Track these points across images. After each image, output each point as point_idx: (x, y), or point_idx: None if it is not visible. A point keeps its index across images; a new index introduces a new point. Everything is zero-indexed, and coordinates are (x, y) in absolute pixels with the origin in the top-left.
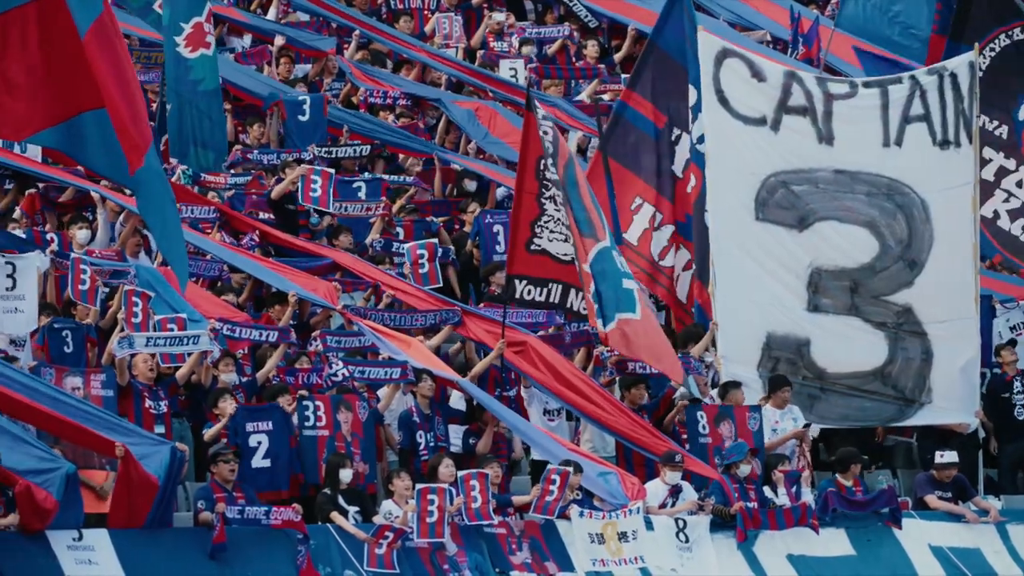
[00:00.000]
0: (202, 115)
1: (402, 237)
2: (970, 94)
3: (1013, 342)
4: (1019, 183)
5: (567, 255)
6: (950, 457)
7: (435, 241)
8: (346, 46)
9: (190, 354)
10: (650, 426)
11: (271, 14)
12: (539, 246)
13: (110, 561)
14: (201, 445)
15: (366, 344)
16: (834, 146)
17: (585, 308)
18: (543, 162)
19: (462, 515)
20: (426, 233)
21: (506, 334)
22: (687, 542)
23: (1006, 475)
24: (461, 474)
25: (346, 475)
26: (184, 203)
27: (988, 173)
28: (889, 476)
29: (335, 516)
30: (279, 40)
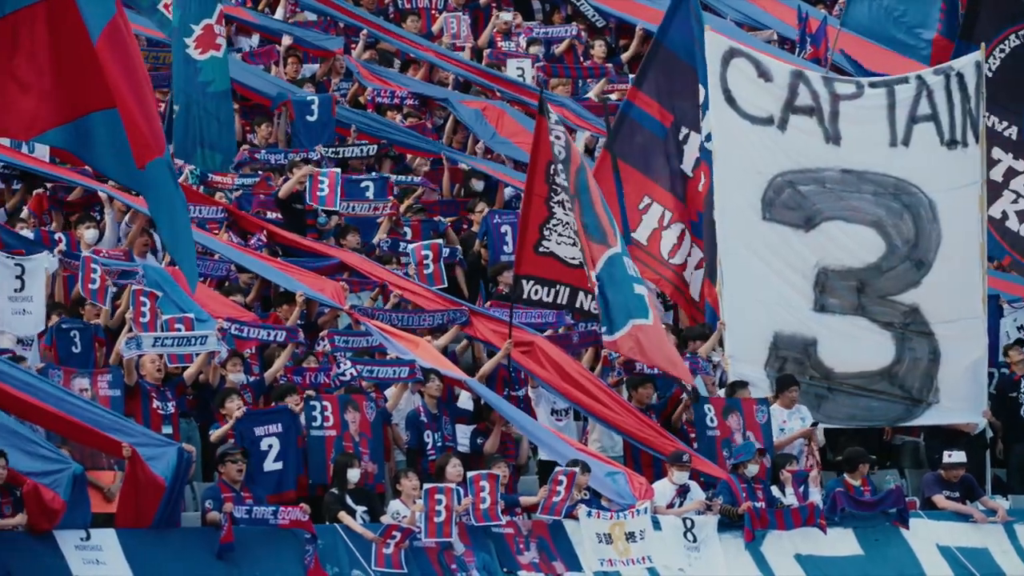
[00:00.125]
0: (210, 117)
1: (410, 237)
2: (977, 94)
3: (1021, 342)
4: None
5: (575, 259)
6: (958, 457)
7: (440, 242)
8: (353, 46)
9: (198, 354)
10: (658, 426)
11: (279, 14)
12: (547, 248)
13: (118, 561)
14: (208, 445)
15: (374, 344)
16: (841, 146)
17: (596, 308)
18: (553, 167)
19: (470, 515)
20: (434, 233)
21: (513, 334)
22: (695, 542)
23: (1014, 475)
24: (471, 475)
25: (354, 475)
26: (192, 203)
27: (997, 174)
28: (897, 476)
29: (343, 516)
30: (286, 40)
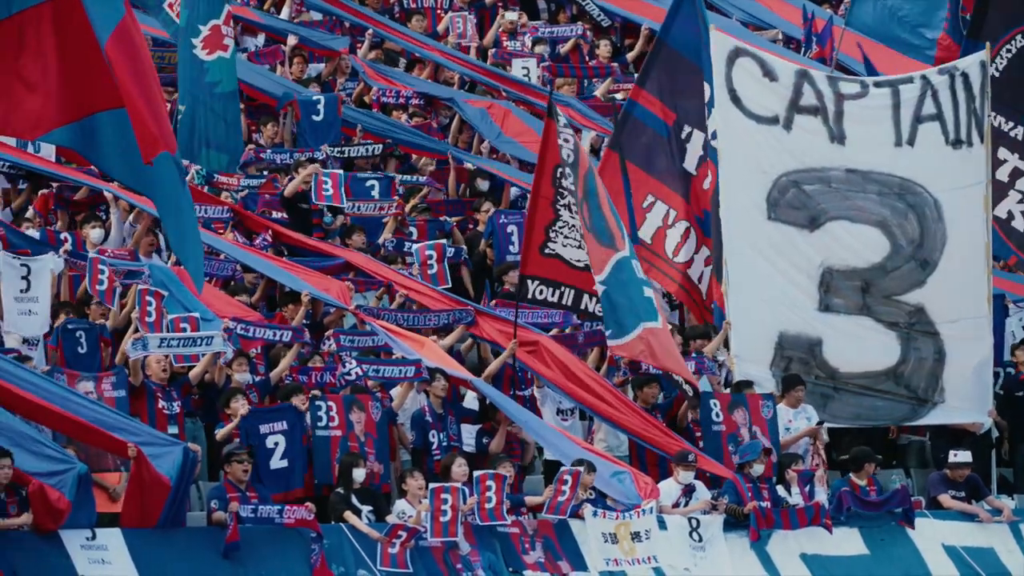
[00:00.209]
0: (217, 118)
1: (415, 237)
2: (982, 93)
3: None
4: None
5: (580, 261)
6: (964, 456)
7: (443, 242)
8: (359, 45)
9: (204, 354)
10: (663, 425)
11: (284, 13)
12: (553, 250)
13: (123, 560)
14: (214, 445)
15: (379, 344)
16: (846, 146)
17: (600, 311)
18: (560, 170)
19: (475, 515)
20: (439, 233)
21: (519, 334)
22: (700, 541)
23: (1020, 474)
24: (477, 474)
25: (359, 474)
26: (197, 203)
27: (1003, 174)
28: (902, 475)
29: (348, 515)
30: (292, 39)
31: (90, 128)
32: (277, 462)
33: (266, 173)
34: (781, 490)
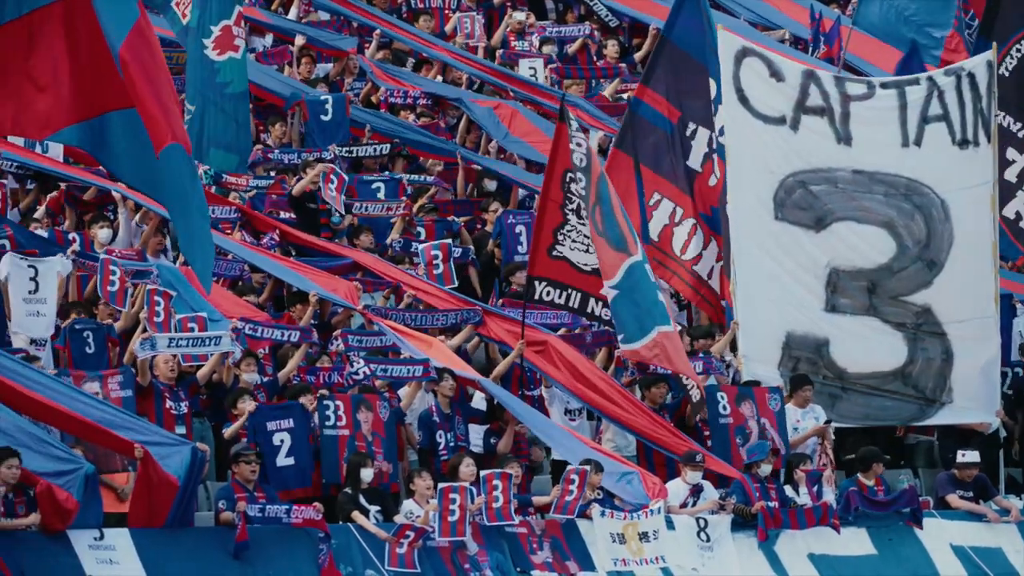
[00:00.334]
0: (228, 118)
1: (423, 237)
2: (988, 93)
3: None
4: None
5: (587, 265)
6: (972, 456)
7: (449, 242)
8: (367, 45)
9: (212, 354)
10: (671, 425)
11: (292, 13)
12: (560, 253)
13: (131, 560)
14: (222, 445)
15: (387, 344)
16: (852, 147)
17: (607, 315)
18: (570, 175)
19: (483, 515)
20: (447, 233)
21: (527, 334)
22: (708, 541)
23: None
24: (484, 473)
25: (367, 474)
26: None
27: (1011, 174)
28: (910, 475)
29: (356, 515)
30: (300, 40)
31: (99, 128)
32: (283, 459)
33: (274, 173)
34: (789, 490)
